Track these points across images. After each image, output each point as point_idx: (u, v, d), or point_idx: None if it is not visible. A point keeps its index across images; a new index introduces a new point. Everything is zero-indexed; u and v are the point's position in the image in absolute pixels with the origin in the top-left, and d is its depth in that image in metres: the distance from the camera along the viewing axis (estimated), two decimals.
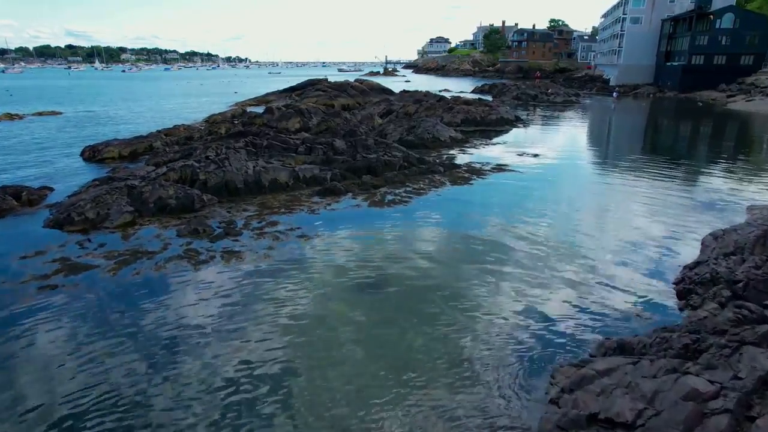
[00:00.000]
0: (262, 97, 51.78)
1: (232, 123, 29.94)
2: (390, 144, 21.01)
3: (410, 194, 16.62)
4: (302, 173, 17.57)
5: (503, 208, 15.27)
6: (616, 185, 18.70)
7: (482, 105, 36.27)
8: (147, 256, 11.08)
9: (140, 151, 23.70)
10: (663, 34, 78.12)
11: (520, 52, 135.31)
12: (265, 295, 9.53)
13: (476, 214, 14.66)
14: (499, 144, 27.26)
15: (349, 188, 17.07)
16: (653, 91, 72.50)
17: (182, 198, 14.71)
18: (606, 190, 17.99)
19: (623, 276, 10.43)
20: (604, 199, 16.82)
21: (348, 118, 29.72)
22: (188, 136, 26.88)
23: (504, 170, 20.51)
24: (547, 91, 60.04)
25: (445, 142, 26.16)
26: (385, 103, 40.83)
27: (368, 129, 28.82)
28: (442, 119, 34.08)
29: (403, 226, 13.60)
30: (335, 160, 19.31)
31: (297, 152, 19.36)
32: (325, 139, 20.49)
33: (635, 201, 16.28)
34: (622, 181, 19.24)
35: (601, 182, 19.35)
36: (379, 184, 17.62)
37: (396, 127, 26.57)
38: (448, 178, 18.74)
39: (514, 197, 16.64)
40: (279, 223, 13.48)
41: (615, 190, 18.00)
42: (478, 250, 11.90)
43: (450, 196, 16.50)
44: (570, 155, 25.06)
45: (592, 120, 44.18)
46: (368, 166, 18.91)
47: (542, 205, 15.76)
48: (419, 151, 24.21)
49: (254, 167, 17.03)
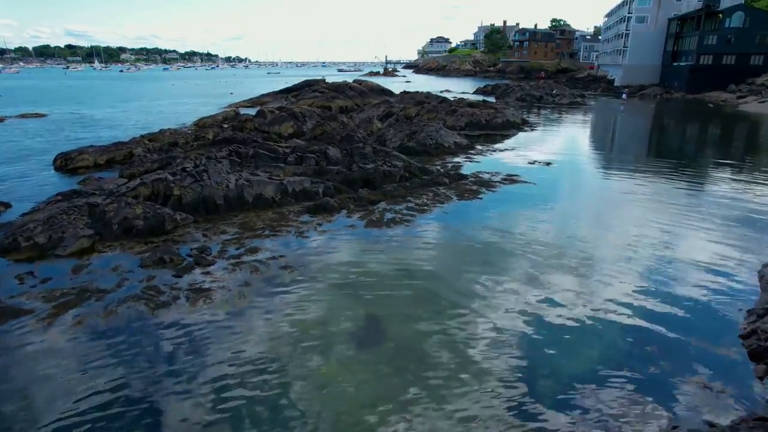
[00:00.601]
0: (257, 99, 49.88)
1: (221, 127, 28.04)
2: (390, 152, 19.12)
3: (412, 211, 14.72)
4: (291, 187, 15.67)
5: (521, 231, 13.36)
6: (641, 198, 16.80)
7: (487, 107, 34.38)
8: (96, 296, 9.17)
9: (118, 159, 21.79)
10: (669, 33, 76.28)
11: (521, 52, 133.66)
12: (232, 355, 7.62)
13: (490, 238, 12.78)
14: (506, 150, 25.35)
15: (344, 204, 15.17)
16: (660, 91, 70.60)
17: (151, 218, 12.81)
18: (631, 204, 16.08)
19: (674, 323, 8.56)
20: (631, 214, 14.92)
21: (345, 122, 27.83)
22: (173, 142, 24.97)
23: (515, 181, 18.60)
24: (551, 91, 58.20)
25: (449, 148, 24.26)
26: (385, 105, 38.91)
27: (366, 134, 26.92)
28: (444, 123, 32.20)
29: (404, 253, 11.70)
30: (329, 171, 17.41)
31: (286, 162, 17.46)
32: (317, 147, 18.59)
33: (666, 217, 14.39)
34: (648, 193, 17.34)
35: (625, 194, 17.42)
36: (377, 198, 15.71)
37: (396, 132, 24.68)
38: (454, 192, 16.84)
39: (531, 217, 14.73)
40: (260, 250, 11.58)
41: (641, 203, 16.10)
42: (499, 291, 10.01)
43: (458, 215, 14.58)
44: (585, 163, 23.17)
45: (602, 123, 42.21)
46: (365, 178, 17.02)
47: (564, 226, 13.86)
48: (421, 158, 22.32)
49: (237, 181, 15.12)
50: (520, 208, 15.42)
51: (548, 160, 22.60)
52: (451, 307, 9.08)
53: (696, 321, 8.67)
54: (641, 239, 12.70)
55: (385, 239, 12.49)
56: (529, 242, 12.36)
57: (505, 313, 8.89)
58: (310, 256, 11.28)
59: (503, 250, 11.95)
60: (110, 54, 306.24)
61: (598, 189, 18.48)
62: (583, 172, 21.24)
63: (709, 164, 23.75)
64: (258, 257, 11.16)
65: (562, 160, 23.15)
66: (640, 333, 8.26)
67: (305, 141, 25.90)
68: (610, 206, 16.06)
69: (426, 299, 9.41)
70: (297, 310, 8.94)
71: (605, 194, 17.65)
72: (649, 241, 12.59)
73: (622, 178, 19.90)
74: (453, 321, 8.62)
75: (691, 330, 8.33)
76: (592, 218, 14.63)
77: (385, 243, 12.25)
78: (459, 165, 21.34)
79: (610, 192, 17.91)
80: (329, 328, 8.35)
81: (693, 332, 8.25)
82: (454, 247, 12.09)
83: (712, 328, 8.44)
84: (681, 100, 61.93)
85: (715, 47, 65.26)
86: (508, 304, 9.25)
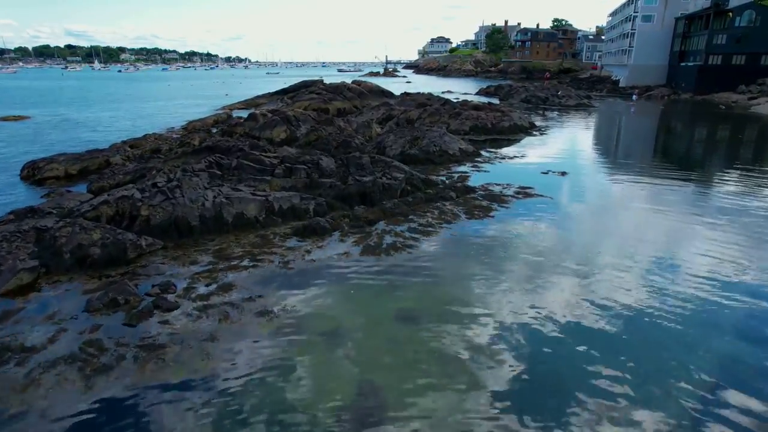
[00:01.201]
0: (252, 100, 48.00)
1: (209, 132, 26.12)
2: (389, 162, 17.20)
3: (415, 233, 12.80)
4: (278, 204, 13.76)
5: (543, 257, 11.46)
6: (673, 214, 14.90)
7: (493, 110, 32.48)
8: (16, 359, 7.26)
9: (93, 168, 19.91)
10: (677, 32, 74.41)
11: (523, 52, 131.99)
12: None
13: (509, 268, 10.89)
14: (516, 158, 23.43)
15: (337, 224, 13.25)
16: (667, 92, 68.69)
17: (111, 245, 10.91)
18: (665, 223, 14.17)
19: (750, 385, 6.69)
20: (667, 236, 13.03)
21: (341, 126, 25.93)
22: (155, 148, 23.09)
23: (530, 195, 16.70)
24: (557, 93, 56.27)
25: (455, 155, 22.35)
26: (385, 108, 37.01)
27: (365, 139, 25.02)
28: (448, 127, 30.31)
29: (406, 292, 9.80)
30: (321, 184, 15.51)
31: (273, 174, 15.55)
32: (309, 157, 16.66)
33: (709, 241, 12.49)
34: (679, 209, 15.43)
35: (655, 210, 15.49)
36: (374, 217, 13.80)
37: (397, 138, 22.77)
38: (462, 208, 14.93)
39: (553, 238, 12.83)
40: (235, 287, 9.68)
41: (675, 221, 14.20)
42: (530, 348, 8.11)
43: (468, 239, 12.65)
44: (603, 172, 21.22)
45: (614, 126, 40.22)
46: (362, 193, 15.11)
47: (591, 252, 11.97)
48: (424, 167, 20.43)
49: (215, 198, 13.22)
50: (538, 228, 13.50)
51: (563, 170, 20.68)
52: (463, 372, 7.19)
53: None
54: (687, 266, 10.81)
55: (384, 273, 10.57)
56: (554, 269, 10.48)
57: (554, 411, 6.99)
58: (293, 298, 9.37)
59: (526, 287, 10.04)
60: (110, 54, 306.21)
61: (623, 204, 16.52)
62: (602, 183, 19.31)
63: (744, 173, 21.79)
64: (231, 297, 9.25)
65: (577, 169, 21.22)
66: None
67: (299, 147, 24.03)
68: (641, 226, 14.12)
69: (434, 359, 7.51)
70: (273, 377, 7.05)
71: (633, 211, 15.68)
72: (704, 276, 10.69)
73: (646, 190, 17.97)
74: (469, 395, 6.73)
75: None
76: (626, 240, 12.70)
77: (384, 277, 10.34)
78: (466, 175, 19.42)
79: (637, 208, 15.95)
80: (316, 408, 6.44)
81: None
82: (466, 283, 10.19)
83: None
84: (689, 102, 60.04)
85: (725, 47, 63.40)
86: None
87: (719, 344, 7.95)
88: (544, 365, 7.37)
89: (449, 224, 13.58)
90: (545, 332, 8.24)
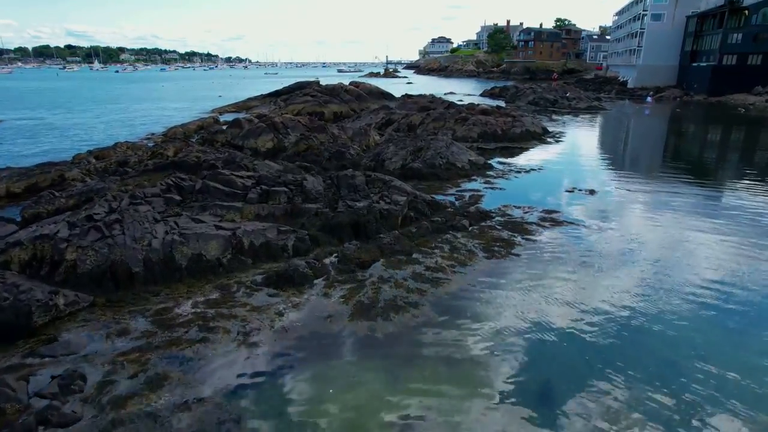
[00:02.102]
0: (244, 103, 45.14)
1: (185, 141, 23.27)
2: (389, 182, 14.31)
3: (422, 283, 9.90)
4: (248, 239, 10.91)
5: (596, 338, 8.58)
6: (732, 244, 12.01)
7: (503, 114, 29.59)
8: None
9: (44, 185, 17.01)
10: (688, 31, 71.55)
11: (526, 52, 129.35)
12: None
13: (546, 338, 8.03)
14: (533, 171, 20.52)
15: (321, 269, 10.37)
16: (679, 94, 65.82)
17: (9, 309, 8.05)
18: (729, 255, 11.29)
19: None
20: (736, 271, 10.16)
21: (335, 134, 23.07)
22: (122, 160, 20.21)
23: (557, 222, 13.81)
24: (565, 94, 53.35)
25: (464, 169, 19.49)
26: (384, 112, 34.17)
27: (361, 149, 22.16)
28: (454, 133, 27.48)
29: (413, 386, 6.94)
30: (305, 211, 12.63)
31: (246, 199, 12.67)
32: (292, 177, 13.75)
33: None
34: (737, 237, 12.54)
35: (719, 239, 12.59)
36: (369, 258, 10.91)
37: (397, 148, 19.89)
38: (478, 242, 12.05)
39: (598, 288, 9.96)
40: (166, 382, 6.78)
41: (736, 251, 11.33)
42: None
43: (491, 292, 9.74)
44: (638, 189, 18.14)
45: (634, 131, 37.14)
46: (355, 223, 12.25)
47: (662, 308, 9.10)
48: (430, 184, 17.58)
49: (166, 234, 10.35)
50: (576, 272, 10.62)
51: (589, 186, 17.80)
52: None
53: None
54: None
55: (380, 350, 7.70)
56: (615, 340, 7.63)
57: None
58: (244, 400, 6.50)
59: (593, 393, 7.17)
60: (110, 54, 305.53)
61: (674, 231, 13.60)
62: (641, 203, 16.37)
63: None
64: (157, 405, 6.38)
65: (605, 185, 18.32)
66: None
67: (286, 158, 21.18)
68: (704, 262, 11.23)
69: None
70: None
71: (690, 242, 12.77)
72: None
73: (694, 214, 15.05)
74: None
75: None
76: (694, 285, 9.83)
77: (381, 361, 7.47)
78: (478, 194, 16.53)
79: (694, 237, 13.04)
80: None
81: None
82: (490, 375, 7.31)
83: None
84: (703, 104, 57.14)
85: (740, 46, 60.53)
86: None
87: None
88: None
89: (463, 267, 10.70)
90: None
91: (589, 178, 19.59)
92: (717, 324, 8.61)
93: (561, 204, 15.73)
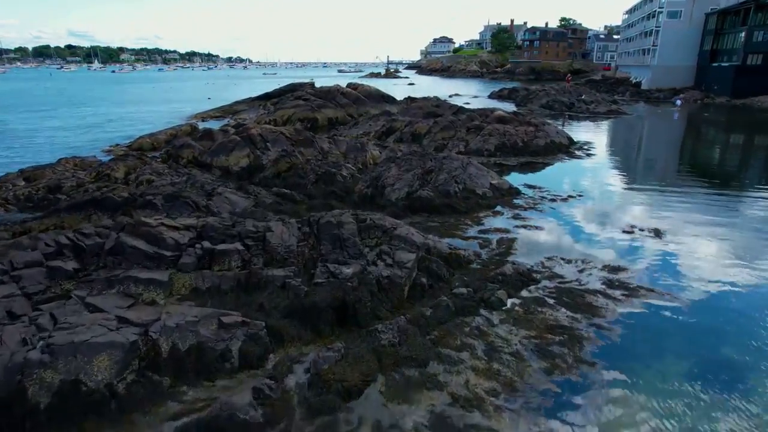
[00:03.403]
0: (230, 107, 40.89)
1: (142, 159, 19.10)
2: (390, 230, 10.13)
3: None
4: (169, 340, 6.79)
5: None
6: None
7: (522, 122, 25.40)
8: None
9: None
10: (707, 29, 67.32)
11: (531, 52, 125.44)
12: None
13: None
14: (571, 198, 16.28)
15: (281, 405, 6.23)
16: (699, 96, 61.61)
17: None
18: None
19: None
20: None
21: (325, 148, 18.94)
22: (55, 185, 16.06)
23: (631, 290, 9.60)
24: (580, 96, 49.08)
25: (485, 197, 15.34)
26: (385, 118, 30.05)
27: (356, 169, 17.99)
28: (467, 145, 23.35)
29: None
30: (266, 282, 8.47)
31: (180, 265, 8.52)
32: (251, 227, 9.55)
33: None
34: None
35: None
36: (359, 377, 6.71)
37: (401, 171, 15.71)
38: (524, 333, 7.89)
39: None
40: None
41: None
42: None
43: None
44: (721, 226, 13.92)
45: (675, 140, 32.25)
46: (340, 303, 8.12)
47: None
48: (444, 221, 13.45)
49: (20, 348, 6.22)
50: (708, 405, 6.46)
51: (652, 225, 13.59)
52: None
53: None
54: None
55: None
56: None
57: None
58: None
59: None
60: (110, 54, 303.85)
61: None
62: (731, 252, 12.19)
63: None
64: None
65: (673, 221, 14.01)
66: None
67: (263, 180, 17.07)
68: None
69: None
70: None
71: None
72: None
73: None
74: None
75: None
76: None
77: None
78: (509, 238, 12.36)
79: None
80: None
81: None
82: None
83: None
84: (727, 107, 52.85)
85: (766, 44, 56.39)
86: None
87: None
88: None
89: (514, 392, 6.54)
90: None
91: (645, 210, 15.40)
92: None
93: (623, 253, 11.57)
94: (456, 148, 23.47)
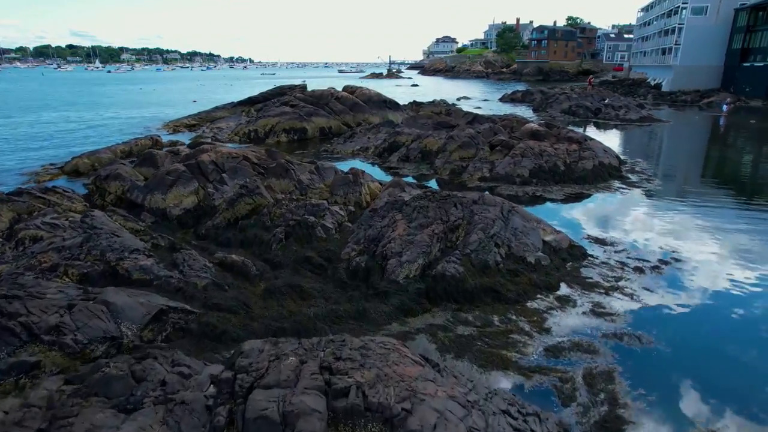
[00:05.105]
0: (207, 113, 35.44)
1: (53, 193, 13.71)
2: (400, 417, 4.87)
3: None
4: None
5: None
6: None
7: (561, 138, 19.98)
8: None
9: None
10: (737, 27, 61.88)
11: (539, 52, 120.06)
12: None
13: None
14: (670, 271, 10.87)
15: None
16: (732, 99, 56.13)
17: None
18: None
19: None
20: None
21: (303, 181, 13.62)
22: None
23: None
24: (603, 100, 43.54)
25: (539, 266, 9.99)
26: (387, 130, 24.74)
27: (346, 212, 12.68)
28: (492, 168, 18.07)
29: None
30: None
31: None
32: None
33: None
34: None
35: None
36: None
37: (413, 228, 10.33)
38: None
39: None
40: None
41: None
42: None
43: None
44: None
45: (744, 154, 26.26)
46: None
47: None
48: (483, 321, 8.09)
49: None
50: None
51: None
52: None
53: None
54: None
55: None
56: None
57: None
58: None
59: None
60: (111, 54, 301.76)
61: None
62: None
63: None
64: None
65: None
66: None
67: (212, 230, 11.81)
68: None
69: None
70: None
71: None
72: None
73: None
74: None
75: None
76: None
77: None
78: (601, 364, 7.06)
79: None
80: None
81: None
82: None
83: None
84: (764, 111, 47.25)
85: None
86: None
87: None
88: None
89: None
90: None
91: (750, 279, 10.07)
92: None
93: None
94: (478, 172, 18.16)
